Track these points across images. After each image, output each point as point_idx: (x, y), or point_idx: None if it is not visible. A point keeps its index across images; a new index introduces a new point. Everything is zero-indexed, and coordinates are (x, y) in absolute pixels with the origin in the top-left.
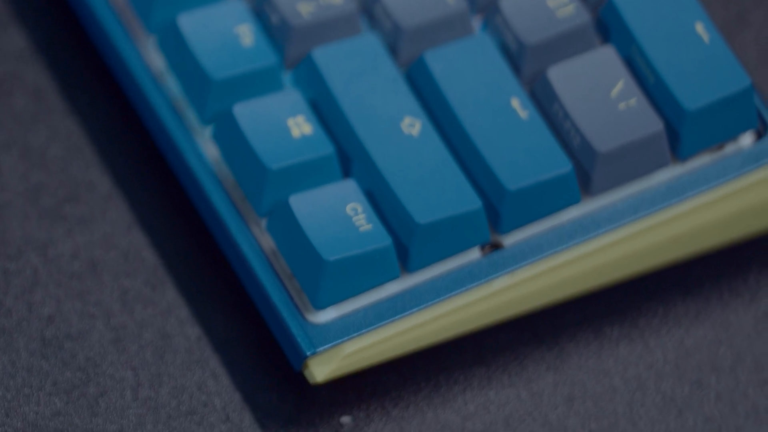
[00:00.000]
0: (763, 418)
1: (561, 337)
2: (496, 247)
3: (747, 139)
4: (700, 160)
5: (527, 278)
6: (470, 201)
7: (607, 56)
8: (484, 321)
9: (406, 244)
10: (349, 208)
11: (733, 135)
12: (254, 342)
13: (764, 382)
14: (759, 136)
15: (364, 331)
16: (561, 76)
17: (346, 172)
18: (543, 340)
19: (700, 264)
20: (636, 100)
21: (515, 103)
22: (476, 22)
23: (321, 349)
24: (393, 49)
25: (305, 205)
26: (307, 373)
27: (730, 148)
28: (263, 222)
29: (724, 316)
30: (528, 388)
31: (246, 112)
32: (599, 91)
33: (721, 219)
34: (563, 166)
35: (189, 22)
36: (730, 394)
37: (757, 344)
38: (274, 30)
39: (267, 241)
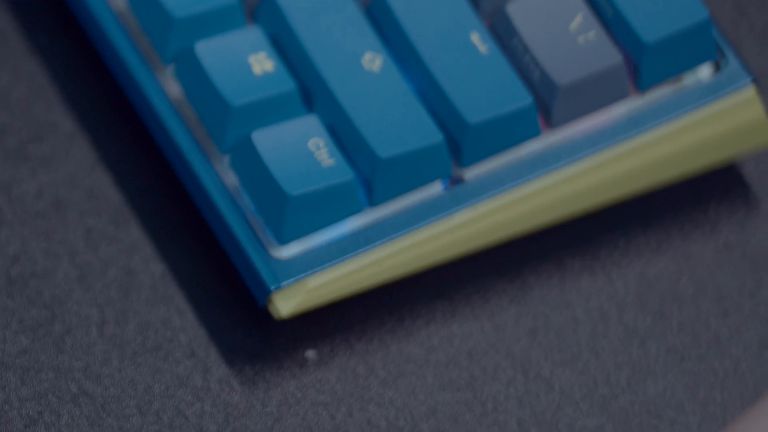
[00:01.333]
0: (725, 348)
1: (523, 270)
2: (457, 180)
3: (705, 71)
4: (659, 92)
5: (489, 211)
6: (431, 135)
7: None
8: (447, 254)
9: (369, 178)
10: (311, 143)
11: (691, 67)
12: (219, 278)
13: (725, 312)
14: (717, 67)
15: (327, 265)
16: (520, 10)
17: (308, 108)
18: (505, 273)
19: (660, 196)
20: (595, 33)
21: (475, 37)
22: None
23: (285, 283)
24: None
25: (268, 140)
26: (271, 308)
27: (688, 80)
28: (226, 159)
29: (685, 248)
30: (491, 321)
31: (207, 50)
32: (558, 25)
33: (680, 150)
34: (523, 99)
35: None
36: (691, 324)
37: (718, 275)
38: None
39: (230, 178)
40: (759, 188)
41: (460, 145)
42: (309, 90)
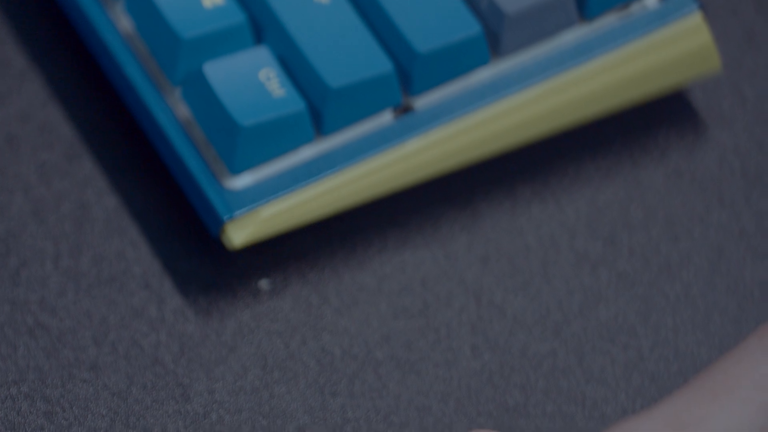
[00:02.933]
0: (676, 273)
1: (474, 198)
2: (407, 110)
3: None
4: (607, 20)
5: (439, 140)
6: (381, 64)
7: None
8: (398, 183)
9: (320, 108)
10: (262, 74)
11: None
12: (172, 211)
13: (676, 238)
14: None
15: (280, 195)
16: None
17: (259, 40)
18: (456, 201)
19: (609, 123)
20: None
21: None
22: None
23: (238, 213)
24: None
25: (219, 72)
26: (224, 239)
27: (636, 8)
28: (178, 91)
29: (635, 174)
30: (443, 249)
31: None
32: None
33: (628, 77)
34: (472, 27)
35: None
36: (642, 250)
37: (668, 200)
38: None
39: (182, 110)
40: (707, 115)
41: (410, 74)
42: (259, 22)
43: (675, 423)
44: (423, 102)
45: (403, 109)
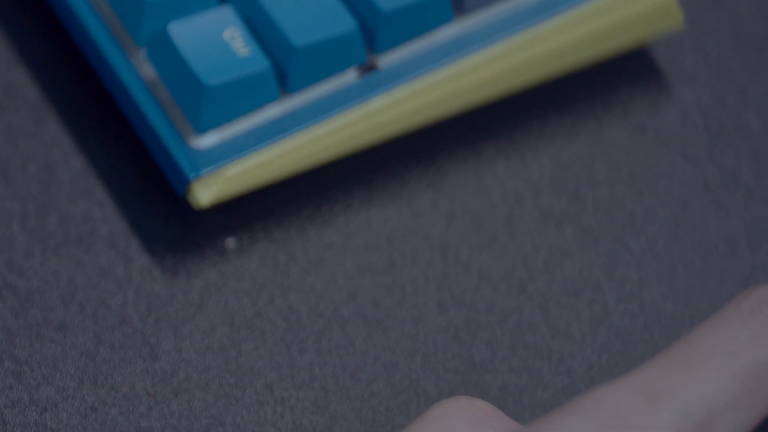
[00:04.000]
0: (640, 228)
1: (439, 155)
2: (371, 68)
3: None
4: None
5: (403, 97)
6: (345, 23)
7: None
8: (363, 141)
9: (284, 67)
10: (226, 34)
11: None
12: (138, 171)
13: (640, 193)
14: None
15: (245, 153)
16: None
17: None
18: (422, 159)
19: (573, 80)
20: None
21: None
22: None
23: (204, 172)
24: None
25: (183, 32)
26: (191, 198)
27: None
28: (143, 52)
29: (598, 130)
30: (408, 206)
31: None
32: None
33: (591, 34)
34: None
35: None
36: (606, 205)
37: (631, 156)
38: None
39: (147, 71)
40: (669, 71)
41: (374, 32)
42: None
43: (649, 391)
44: (387, 60)
45: (368, 68)
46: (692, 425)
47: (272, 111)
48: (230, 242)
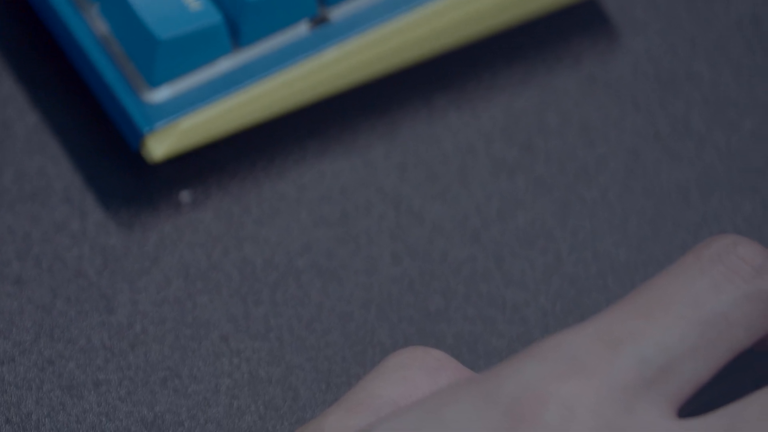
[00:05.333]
0: (592, 177)
1: (391, 107)
2: (323, 21)
3: None
4: None
5: (355, 49)
6: None
7: None
8: (316, 93)
9: (236, 20)
10: None
11: None
12: (92, 126)
13: (591, 143)
14: None
15: (198, 106)
16: None
17: None
18: (374, 111)
19: (523, 31)
20: None
21: None
22: None
23: (157, 126)
24: None
25: None
26: (145, 152)
27: None
28: (95, 7)
29: (549, 81)
30: (361, 157)
31: None
32: None
33: None
34: None
35: None
36: (558, 155)
37: (583, 106)
38: None
39: (100, 26)
40: (619, 21)
41: None
42: None
43: (608, 337)
44: (338, 12)
45: (319, 20)
46: (650, 372)
47: (225, 64)
48: (184, 195)
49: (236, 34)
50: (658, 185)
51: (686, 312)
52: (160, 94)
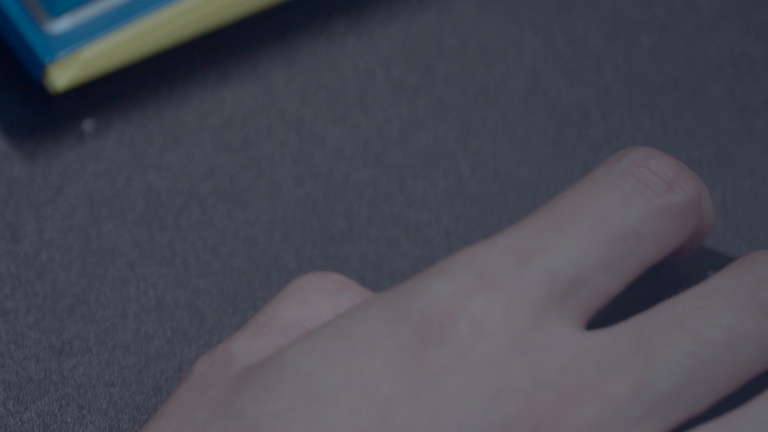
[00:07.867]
0: (493, 98)
1: (290, 33)
2: None
3: None
4: None
5: None
6: None
7: None
8: (215, 21)
9: None
10: None
11: None
12: None
13: (491, 64)
14: None
15: (99, 35)
16: None
17: None
18: (273, 37)
19: None
20: None
21: None
22: None
23: (59, 55)
24: None
25: None
26: (47, 82)
27: None
28: None
29: (447, 2)
30: (261, 84)
31: None
32: None
33: None
34: None
35: None
36: (458, 77)
37: (482, 28)
38: None
39: None
40: None
41: None
42: None
43: (518, 252)
44: None
45: None
46: (560, 286)
47: None
48: (87, 125)
49: None
50: (559, 104)
51: (597, 226)
52: (61, 24)
